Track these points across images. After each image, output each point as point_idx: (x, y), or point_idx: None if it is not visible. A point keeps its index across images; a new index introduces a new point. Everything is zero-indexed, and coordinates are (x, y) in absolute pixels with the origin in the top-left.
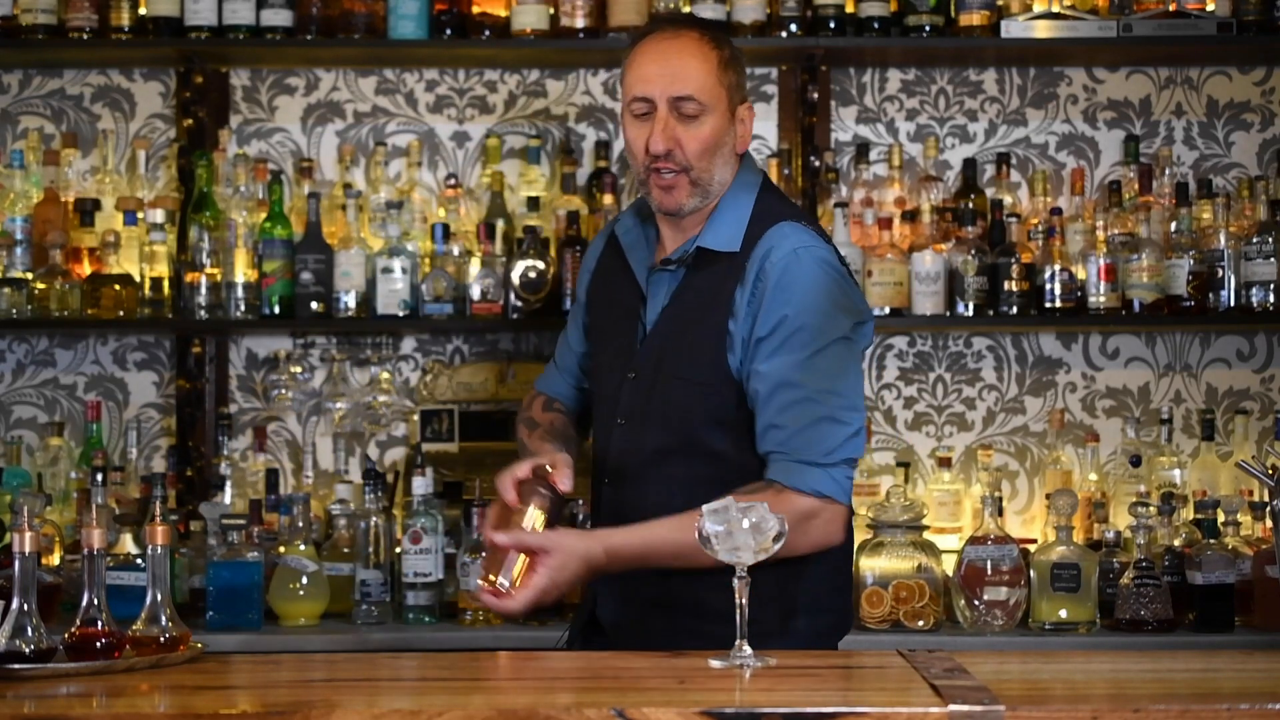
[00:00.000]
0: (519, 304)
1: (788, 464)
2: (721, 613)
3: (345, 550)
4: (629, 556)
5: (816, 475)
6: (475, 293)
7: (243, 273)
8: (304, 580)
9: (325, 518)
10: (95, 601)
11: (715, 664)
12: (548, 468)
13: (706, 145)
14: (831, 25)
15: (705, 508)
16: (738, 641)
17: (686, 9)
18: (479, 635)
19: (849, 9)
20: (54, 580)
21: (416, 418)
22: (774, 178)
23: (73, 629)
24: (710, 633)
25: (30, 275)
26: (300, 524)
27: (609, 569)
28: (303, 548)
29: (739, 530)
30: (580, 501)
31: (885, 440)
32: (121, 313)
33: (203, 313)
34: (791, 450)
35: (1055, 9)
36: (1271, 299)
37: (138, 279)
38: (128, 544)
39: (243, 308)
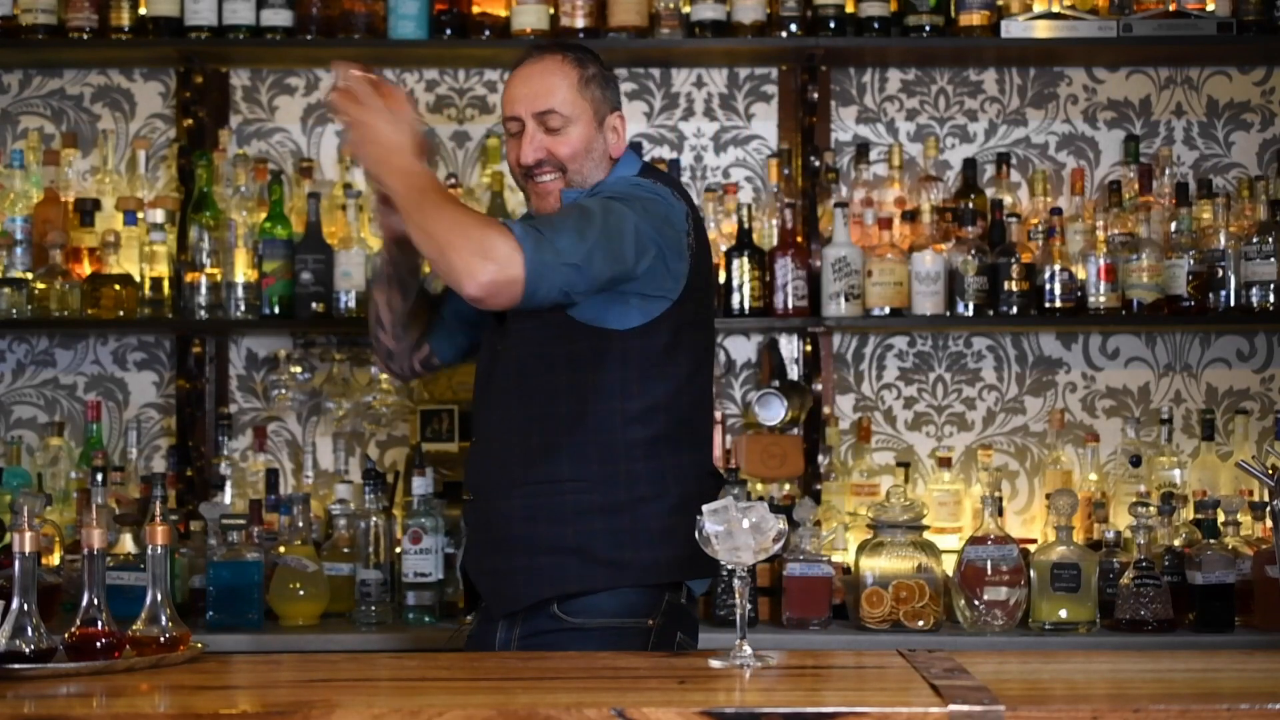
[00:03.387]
0: None
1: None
2: (558, 546)
3: (345, 550)
4: (416, 179)
5: (524, 226)
6: None
7: (243, 273)
8: (304, 580)
9: (325, 518)
10: (95, 601)
11: (715, 664)
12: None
13: (576, 150)
14: (831, 25)
15: (705, 508)
16: (738, 641)
17: (686, 9)
18: None
19: (849, 9)
20: (54, 580)
21: (416, 418)
22: (774, 178)
23: (73, 629)
24: (539, 566)
25: (30, 275)
26: (300, 524)
27: (397, 170)
28: (303, 548)
29: (739, 530)
30: None
31: (885, 440)
32: (121, 313)
33: (203, 313)
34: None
35: (1055, 9)
36: (1271, 299)
37: (138, 279)
38: (128, 544)
39: (243, 308)
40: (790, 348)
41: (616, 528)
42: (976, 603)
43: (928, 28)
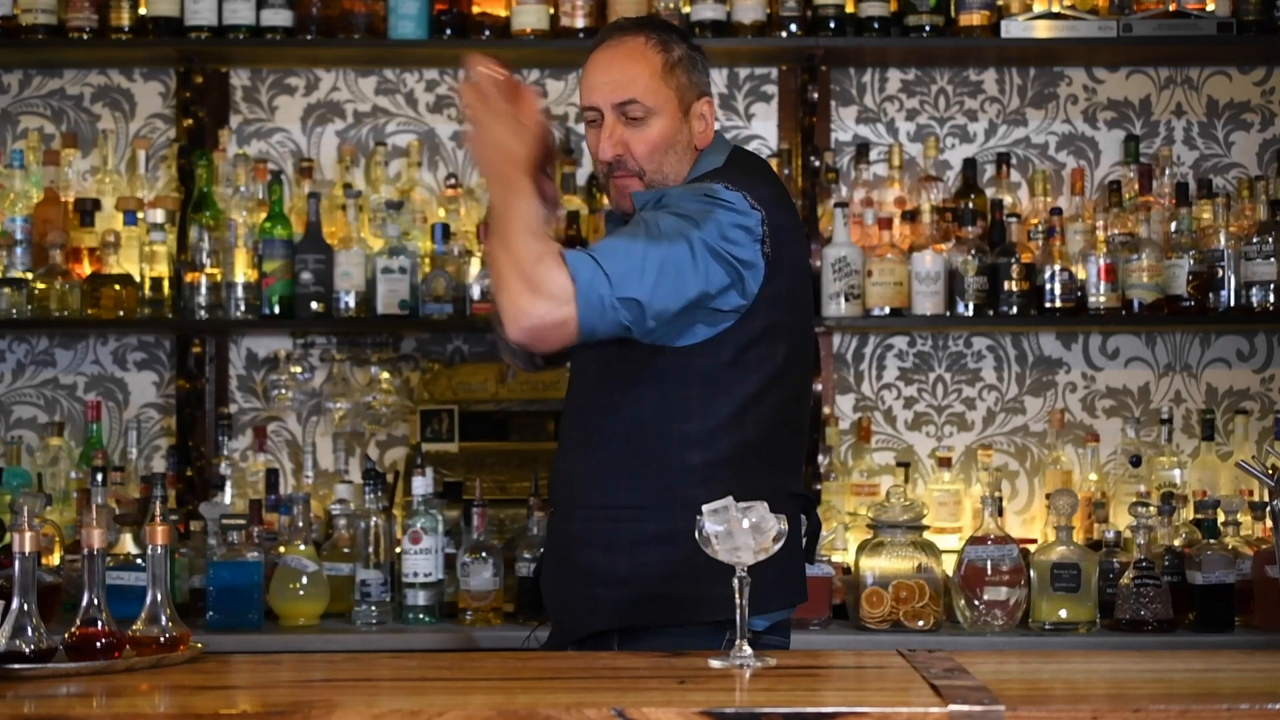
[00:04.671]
0: None
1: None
2: (612, 577)
3: (345, 550)
4: (510, 199)
5: (581, 257)
6: (475, 293)
7: (243, 273)
8: (304, 580)
9: (325, 518)
10: (95, 601)
11: (715, 664)
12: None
13: (655, 147)
14: (831, 25)
15: (705, 507)
16: (738, 641)
17: (686, 9)
18: (479, 635)
19: (849, 9)
20: (54, 580)
21: (416, 418)
22: None
23: (73, 629)
24: (596, 596)
25: (30, 275)
26: (300, 524)
27: (500, 181)
28: (303, 548)
29: (739, 530)
30: None
31: (885, 440)
32: (121, 313)
33: (203, 313)
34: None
35: (1055, 9)
36: (1271, 299)
37: (138, 279)
38: (128, 544)
39: (243, 308)
40: None
41: (672, 559)
42: (976, 603)
43: (928, 28)
